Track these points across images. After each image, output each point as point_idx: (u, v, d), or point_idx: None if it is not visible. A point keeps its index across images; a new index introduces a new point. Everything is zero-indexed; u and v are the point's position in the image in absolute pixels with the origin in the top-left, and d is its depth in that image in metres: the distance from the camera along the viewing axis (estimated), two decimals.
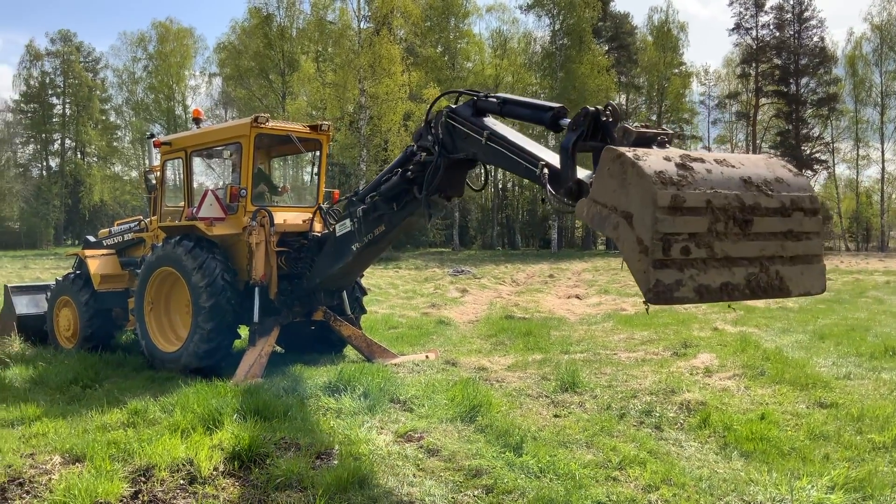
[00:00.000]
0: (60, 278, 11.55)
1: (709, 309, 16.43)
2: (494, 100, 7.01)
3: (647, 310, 4.72)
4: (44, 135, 77.14)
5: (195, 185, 10.70)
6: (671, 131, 5.48)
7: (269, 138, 10.24)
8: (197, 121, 11.36)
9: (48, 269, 33.62)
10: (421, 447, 6.02)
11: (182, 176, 10.78)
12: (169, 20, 70.02)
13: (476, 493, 5.16)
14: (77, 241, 70.88)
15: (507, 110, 6.88)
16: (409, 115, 46.11)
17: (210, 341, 9.05)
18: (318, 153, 10.60)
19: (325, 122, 10.45)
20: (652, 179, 4.25)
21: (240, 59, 58.76)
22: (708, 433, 6.65)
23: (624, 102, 72.06)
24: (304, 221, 10.00)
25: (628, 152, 4.45)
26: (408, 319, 14.98)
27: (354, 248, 8.94)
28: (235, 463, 5.53)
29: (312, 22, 52.89)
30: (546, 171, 5.80)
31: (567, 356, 10.50)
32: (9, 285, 12.45)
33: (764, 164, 4.84)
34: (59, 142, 78.69)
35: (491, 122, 7.12)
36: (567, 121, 5.91)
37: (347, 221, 9.01)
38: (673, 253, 4.26)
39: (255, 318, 9.27)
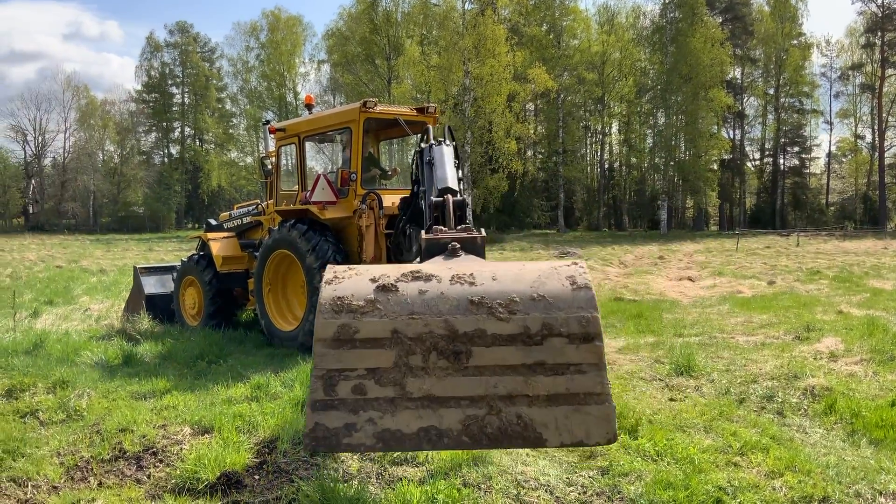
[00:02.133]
0: (185, 259, 12.10)
1: (832, 291, 15.66)
2: (429, 157, 6.68)
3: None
4: (164, 123, 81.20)
5: (308, 169, 10.99)
6: (476, 235, 4.79)
7: (378, 122, 10.39)
8: (309, 107, 11.63)
9: (171, 251, 35.53)
10: None
11: (295, 161, 11.10)
12: (278, 9, 72.20)
13: (591, 474, 5.12)
14: (197, 225, 74.47)
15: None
16: (514, 95, 45.80)
17: None
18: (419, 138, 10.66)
19: (431, 105, 10.49)
20: (323, 307, 3.67)
21: (347, 45, 59.81)
22: (834, 420, 6.37)
23: (739, 76, 69.12)
24: None
25: (331, 272, 3.91)
26: None
27: (414, 249, 8.74)
28: None
29: (417, 5, 53.18)
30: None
31: (681, 339, 10.23)
32: (137, 266, 13.16)
33: (534, 277, 3.90)
34: (178, 130, 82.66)
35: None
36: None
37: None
38: (340, 392, 3.59)
39: None
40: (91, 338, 10.38)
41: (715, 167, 61.94)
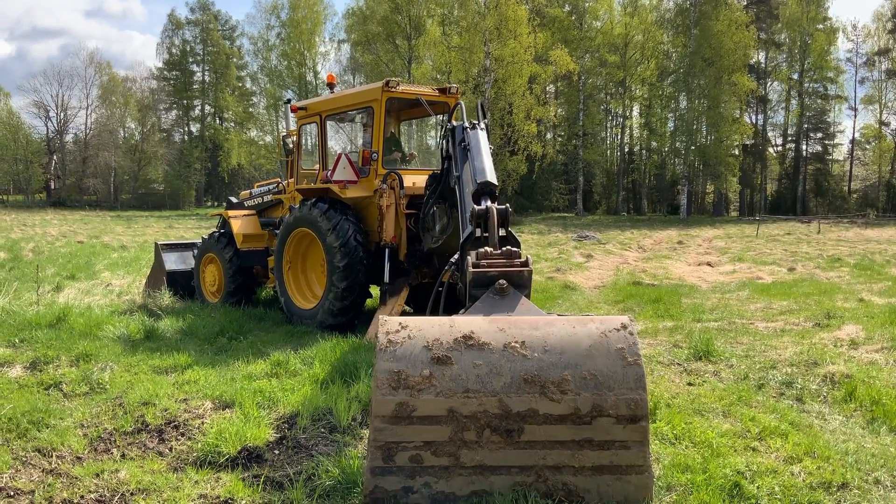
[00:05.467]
0: (206, 236, 12.18)
1: (853, 279, 15.53)
2: (464, 141, 6.87)
3: None
4: (185, 101, 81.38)
5: (329, 148, 10.99)
6: (523, 268, 5.07)
7: (400, 102, 10.35)
8: (331, 86, 11.60)
9: (191, 228, 35.72)
10: None
11: (316, 140, 11.10)
12: None
13: None
14: (216, 203, 74.82)
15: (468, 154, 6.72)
16: (535, 77, 45.47)
17: (344, 299, 9.37)
18: (446, 116, 10.63)
19: (453, 85, 10.44)
20: (380, 382, 3.79)
21: (367, 24, 59.48)
22: (854, 407, 6.34)
23: (763, 60, 68.20)
24: None
25: (384, 333, 3.98)
26: (533, 283, 14.92)
27: (437, 229, 8.85)
28: None
29: None
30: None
31: (700, 324, 10.19)
32: (159, 243, 13.27)
33: (587, 347, 3.99)
34: (199, 108, 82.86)
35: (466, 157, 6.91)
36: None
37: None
38: (398, 461, 3.79)
39: (386, 278, 9.48)
40: (113, 312, 10.48)
41: (736, 152, 61.31)
